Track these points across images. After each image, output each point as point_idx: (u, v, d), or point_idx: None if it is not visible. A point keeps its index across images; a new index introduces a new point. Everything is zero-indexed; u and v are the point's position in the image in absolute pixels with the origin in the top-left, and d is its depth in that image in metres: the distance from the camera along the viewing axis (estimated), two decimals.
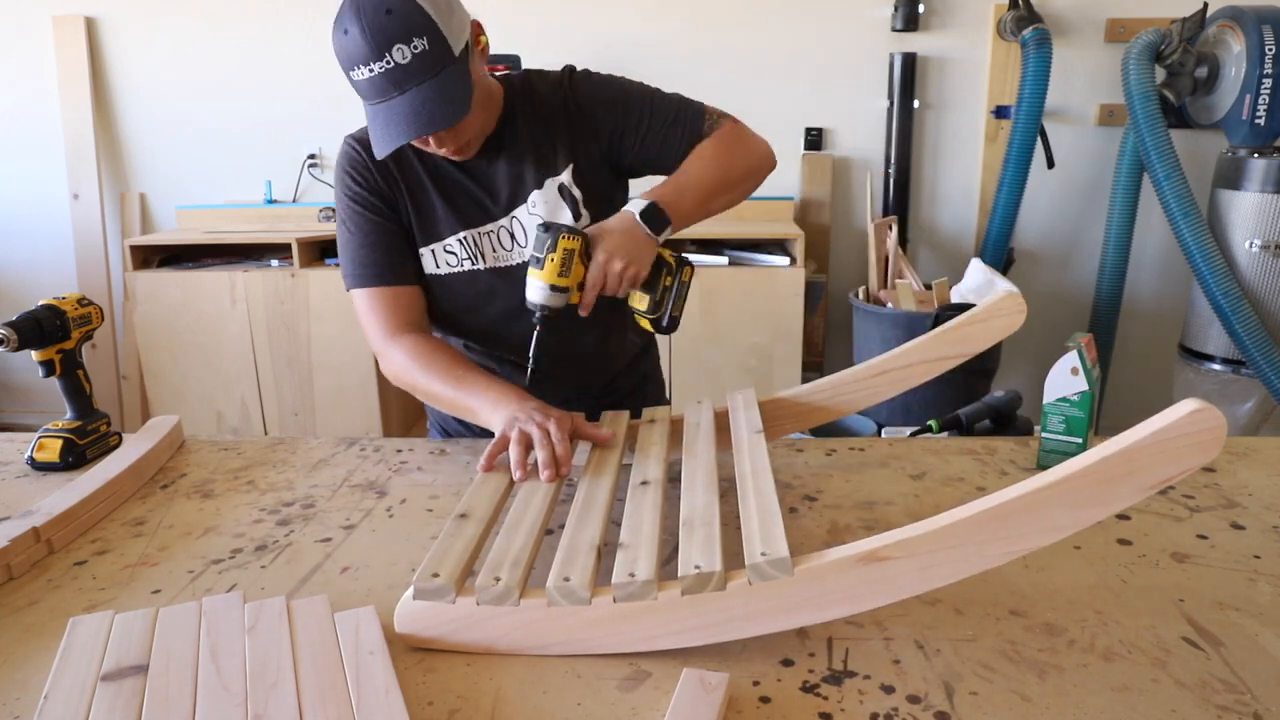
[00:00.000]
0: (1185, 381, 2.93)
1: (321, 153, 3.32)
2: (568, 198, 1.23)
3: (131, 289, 2.94)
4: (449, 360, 1.18)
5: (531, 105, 1.23)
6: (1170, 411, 0.67)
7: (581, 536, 0.84)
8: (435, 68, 1.05)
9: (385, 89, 1.05)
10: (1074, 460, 0.70)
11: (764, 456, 0.97)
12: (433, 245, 1.25)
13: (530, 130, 1.23)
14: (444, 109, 1.07)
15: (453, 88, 1.07)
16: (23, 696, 0.73)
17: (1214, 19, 2.82)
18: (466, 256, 1.25)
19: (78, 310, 1.24)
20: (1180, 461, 0.67)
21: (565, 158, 1.23)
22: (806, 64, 3.14)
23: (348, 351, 2.93)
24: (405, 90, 1.05)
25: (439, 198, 1.23)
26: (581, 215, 1.24)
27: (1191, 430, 0.66)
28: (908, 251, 3.21)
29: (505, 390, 1.12)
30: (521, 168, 1.23)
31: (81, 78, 3.25)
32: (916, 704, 0.71)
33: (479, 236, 1.25)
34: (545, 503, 0.92)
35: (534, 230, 1.16)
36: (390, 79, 1.04)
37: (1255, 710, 0.69)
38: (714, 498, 0.89)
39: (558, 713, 0.70)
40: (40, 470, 1.22)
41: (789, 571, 0.74)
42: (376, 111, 1.09)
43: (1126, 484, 0.69)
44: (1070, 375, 1.14)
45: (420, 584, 0.77)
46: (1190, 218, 2.69)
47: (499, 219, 1.24)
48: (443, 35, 1.05)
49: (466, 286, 1.26)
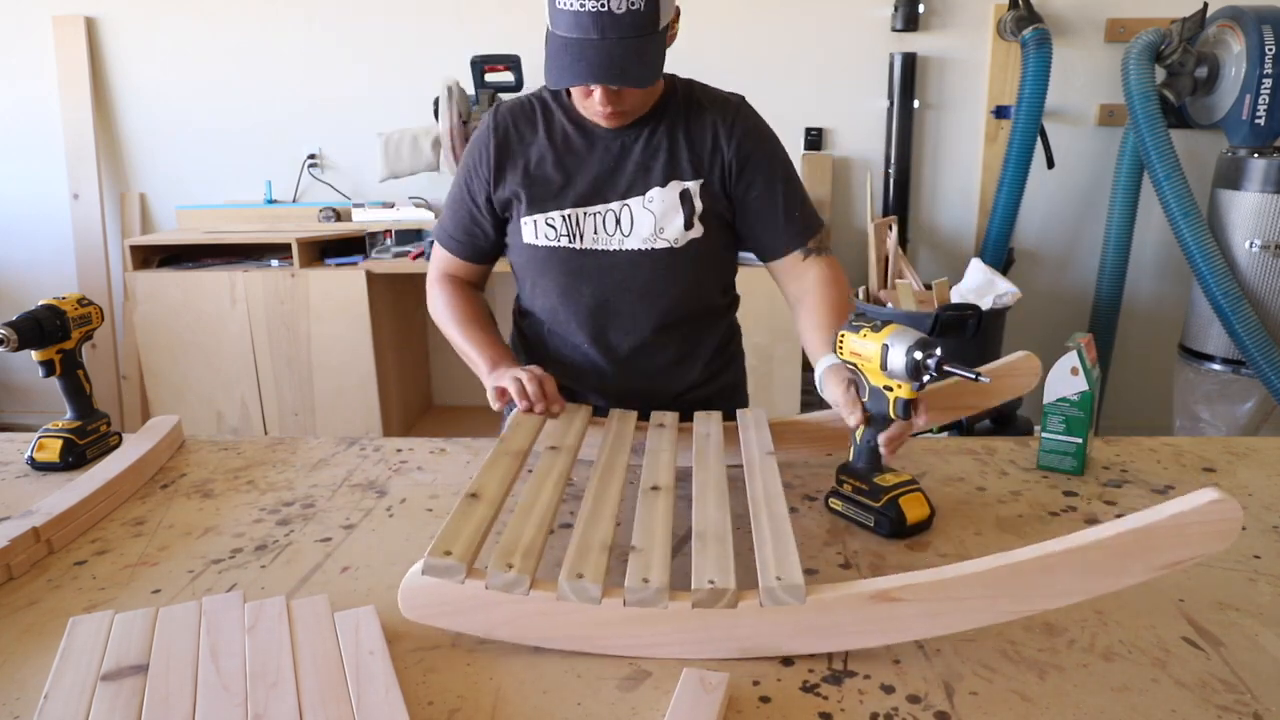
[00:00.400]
0: (1185, 381, 2.93)
1: (321, 153, 3.32)
2: (687, 204, 1.25)
3: (131, 289, 2.94)
4: (470, 310, 1.34)
5: (687, 109, 1.26)
6: (1191, 498, 0.68)
7: (593, 534, 0.84)
8: (642, 29, 1.09)
9: (588, 27, 1.08)
10: (1091, 531, 0.72)
11: (776, 479, 0.97)
12: (535, 216, 1.27)
13: (675, 130, 1.25)
14: (639, 70, 1.10)
15: (650, 53, 1.11)
16: (23, 696, 0.73)
17: (1214, 19, 2.82)
18: (565, 233, 1.26)
19: (78, 310, 1.24)
20: (1194, 547, 0.69)
21: (697, 171, 1.26)
22: (806, 64, 3.13)
23: (348, 351, 2.93)
24: (607, 38, 1.08)
25: (558, 172, 1.26)
26: (694, 226, 1.26)
27: (1210, 519, 0.67)
28: (908, 251, 3.21)
29: (501, 351, 1.28)
30: (652, 160, 1.25)
31: (81, 78, 3.25)
32: (916, 704, 0.71)
33: (583, 216, 1.26)
34: (556, 494, 0.92)
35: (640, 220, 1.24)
36: (598, 21, 1.07)
37: (1255, 710, 0.69)
38: (726, 513, 0.89)
39: (558, 713, 0.70)
40: (40, 470, 1.22)
41: (801, 599, 0.75)
42: (569, 45, 1.10)
43: (1139, 561, 0.70)
44: (1070, 375, 1.14)
45: (431, 560, 0.76)
46: (1190, 218, 2.68)
47: (611, 202, 1.25)
48: (658, 3, 1.09)
49: (558, 263, 1.28)
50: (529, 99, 1.30)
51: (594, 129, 1.25)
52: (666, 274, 1.27)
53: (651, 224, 1.25)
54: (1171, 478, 1.16)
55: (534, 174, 1.26)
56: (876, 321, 0.99)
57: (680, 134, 1.25)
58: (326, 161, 3.32)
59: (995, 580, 0.73)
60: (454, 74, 2.94)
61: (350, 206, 3.17)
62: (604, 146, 1.25)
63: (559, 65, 1.11)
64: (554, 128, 1.27)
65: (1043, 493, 1.11)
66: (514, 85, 3.01)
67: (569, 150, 1.26)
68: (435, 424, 3.39)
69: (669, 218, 1.25)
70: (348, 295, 2.87)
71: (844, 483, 1.05)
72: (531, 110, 1.29)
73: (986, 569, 0.73)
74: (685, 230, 1.25)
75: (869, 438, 1.01)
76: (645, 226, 1.25)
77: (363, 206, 3.13)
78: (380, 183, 3.13)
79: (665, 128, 1.25)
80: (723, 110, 1.27)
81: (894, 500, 0.99)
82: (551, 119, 1.27)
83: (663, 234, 1.25)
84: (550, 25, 1.12)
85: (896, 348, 0.94)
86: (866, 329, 0.99)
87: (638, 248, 1.25)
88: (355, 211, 3.13)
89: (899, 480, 1.01)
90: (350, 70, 3.20)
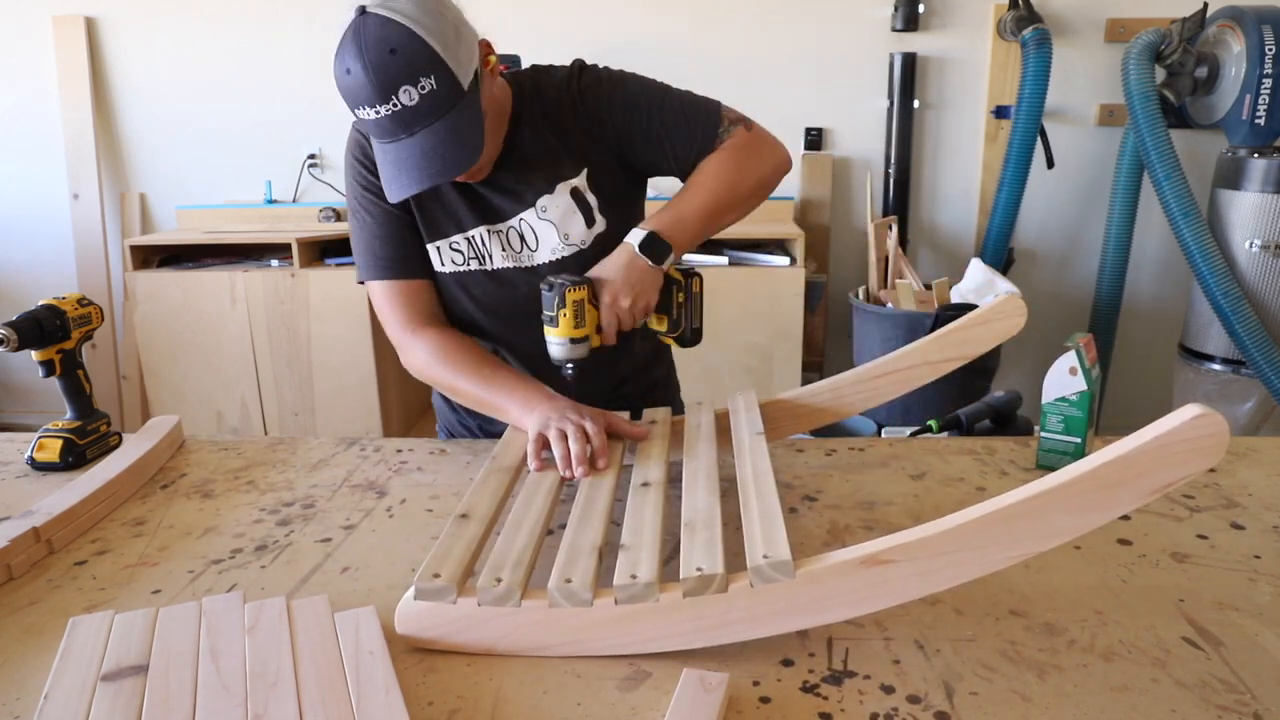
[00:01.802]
0: (1185, 381, 2.93)
1: (321, 153, 3.32)
2: (581, 203, 1.21)
3: (131, 289, 2.94)
4: (475, 357, 1.19)
5: (541, 107, 1.20)
6: (1172, 416, 0.66)
7: (583, 538, 0.84)
8: (445, 107, 1.02)
9: (393, 130, 1.02)
10: (1075, 465, 0.70)
11: (765, 459, 0.97)
12: (438, 242, 1.22)
13: (539, 133, 1.20)
14: (456, 153, 1.04)
15: (464, 128, 1.04)
16: (23, 696, 0.73)
17: (1214, 19, 2.82)
18: (474, 256, 1.23)
19: (78, 310, 1.24)
20: (1182, 466, 0.67)
21: (578, 161, 1.21)
22: (806, 64, 3.13)
23: (348, 351, 2.93)
24: (414, 132, 1.02)
25: (449, 194, 1.21)
26: (595, 220, 1.22)
27: (1193, 435, 0.65)
28: (908, 251, 3.21)
29: (534, 389, 1.13)
30: (530, 172, 1.20)
31: (81, 78, 3.25)
32: (916, 704, 0.71)
33: (488, 235, 1.22)
34: (547, 503, 0.92)
35: (543, 232, 1.18)
36: (398, 121, 1.01)
37: (1255, 710, 0.69)
38: (715, 499, 0.89)
39: (558, 713, 0.70)
40: (40, 470, 1.22)
41: (791, 574, 0.74)
42: (385, 151, 1.06)
43: (1127, 489, 0.68)
44: (1069, 375, 1.14)
45: (421, 584, 0.77)
46: (1190, 218, 2.68)
47: (509, 219, 1.22)
48: (451, 72, 1.01)
49: (474, 286, 1.24)
50: None
51: None
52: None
53: (554, 233, 1.21)
54: None
55: (426, 199, 1.20)
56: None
57: (545, 133, 1.19)
58: (326, 161, 3.32)
59: (983, 529, 0.71)
60: None
61: None
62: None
63: (388, 178, 1.06)
64: None
65: None
66: None
67: None
68: (435, 424, 3.39)
69: (569, 222, 1.21)
70: (348, 295, 2.87)
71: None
72: None
73: (973, 518, 0.72)
74: (589, 228, 1.22)
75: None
76: (550, 237, 1.21)
77: None
78: None
79: (529, 133, 1.19)
80: (565, 87, 1.19)
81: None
82: None
83: (569, 239, 1.21)
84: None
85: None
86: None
87: (548, 259, 1.22)
88: None
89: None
90: None
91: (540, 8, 3.12)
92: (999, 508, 0.71)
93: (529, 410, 1.09)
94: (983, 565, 0.73)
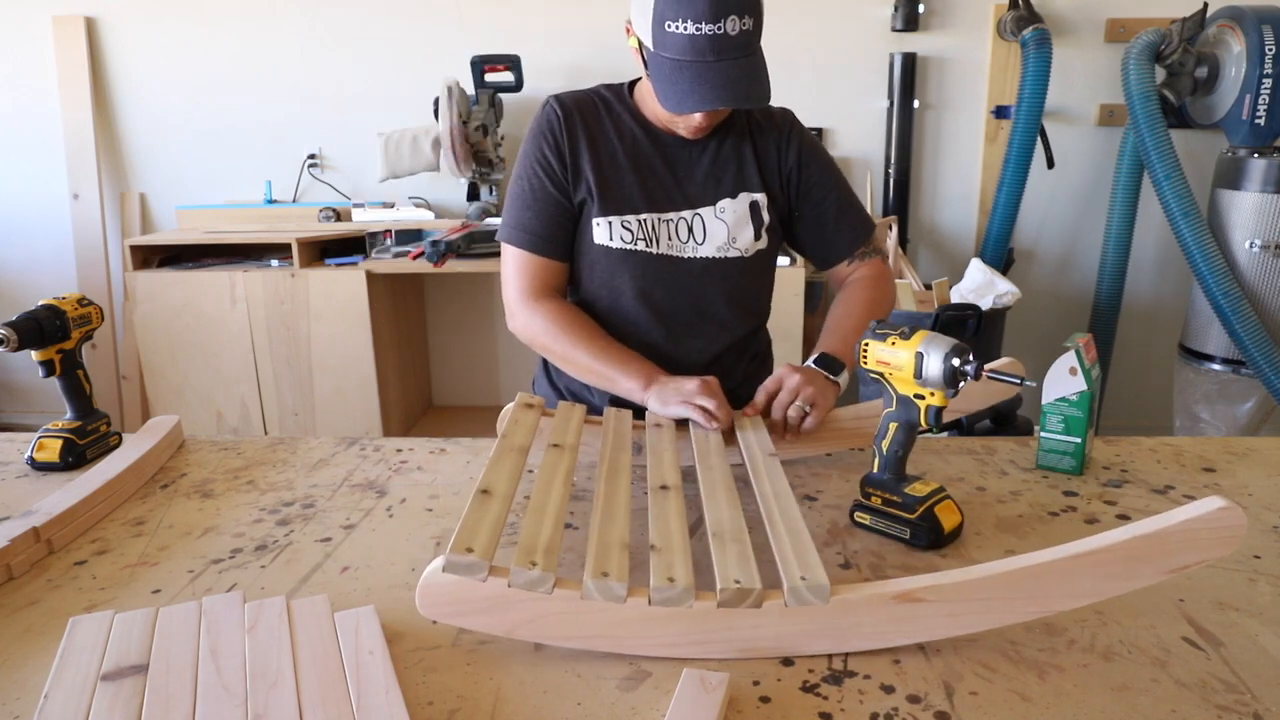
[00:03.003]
0: (1185, 381, 2.93)
1: (321, 152, 3.32)
2: (756, 217, 1.29)
3: (131, 289, 2.94)
4: (591, 329, 1.27)
5: (749, 123, 1.30)
6: (1199, 505, 0.72)
7: (610, 533, 0.83)
8: (751, 49, 1.11)
9: (704, 51, 1.08)
10: (1107, 535, 0.75)
11: (783, 479, 0.98)
12: (611, 218, 1.26)
13: (741, 143, 1.29)
14: (756, 88, 1.12)
15: (763, 71, 1.14)
16: (23, 696, 0.73)
17: (1214, 19, 2.82)
18: (642, 237, 1.27)
19: (78, 310, 1.24)
20: (1202, 551, 0.73)
21: (762, 183, 1.29)
22: (806, 64, 3.13)
23: (348, 351, 2.93)
24: (723, 60, 1.09)
25: (631, 174, 1.26)
26: (762, 237, 1.30)
27: (1217, 525, 0.72)
28: (908, 251, 3.21)
29: (646, 366, 1.22)
30: (721, 172, 1.28)
31: (81, 78, 3.25)
32: (916, 704, 0.71)
33: (659, 222, 1.27)
34: (565, 490, 0.92)
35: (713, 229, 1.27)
36: (714, 44, 1.08)
37: (1255, 710, 0.69)
38: (739, 512, 0.89)
39: (558, 713, 0.70)
40: (40, 470, 1.22)
41: (825, 599, 0.76)
42: (683, 68, 1.11)
43: (1151, 564, 0.74)
44: (1069, 375, 1.14)
45: (453, 557, 0.75)
46: (1190, 218, 2.68)
47: (683, 210, 1.27)
48: (762, 21, 1.12)
49: (637, 265, 1.28)
50: (589, 95, 1.30)
51: (660, 134, 1.27)
52: (737, 281, 1.31)
53: (725, 233, 1.28)
54: (1171, 478, 1.16)
55: (607, 173, 1.26)
56: (904, 329, 0.97)
57: (746, 148, 1.29)
58: (326, 161, 3.32)
59: (1016, 582, 0.75)
60: (454, 74, 2.94)
61: (350, 206, 3.17)
62: (672, 153, 1.27)
63: (678, 90, 1.12)
64: (622, 128, 1.27)
65: (1043, 493, 1.11)
66: (514, 85, 3.01)
67: (639, 153, 1.27)
68: (435, 424, 3.39)
69: (740, 228, 1.28)
70: (348, 295, 2.87)
71: (871, 495, 1.01)
72: (595, 106, 1.28)
73: (1009, 570, 0.75)
74: (755, 241, 1.30)
75: (896, 448, 0.98)
76: (719, 235, 1.28)
77: (363, 206, 3.13)
78: (380, 183, 3.13)
79: (732, 140, 1.29)
80: (780, 125, 1.31)
81: (930, 510, 0.96)
82: (619, 119, 1.28)
83: (735, 244, 1.29)
84: (653, 47, 1.12)
85: (933, 355, 0.92)
86: (894, 336, 0.96)
87: (712, 255, 1.28)
88: (355, 211, 3.13)
89: (929, 489, 0.98)
90: (350, 70, 3.20)
91: (541, 7, 3.12)
92: (1033, 564, 0.75)
93: (647, 385, 1.19)
94: (1009, 615, 0.77)
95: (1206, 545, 0.72)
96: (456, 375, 3.58)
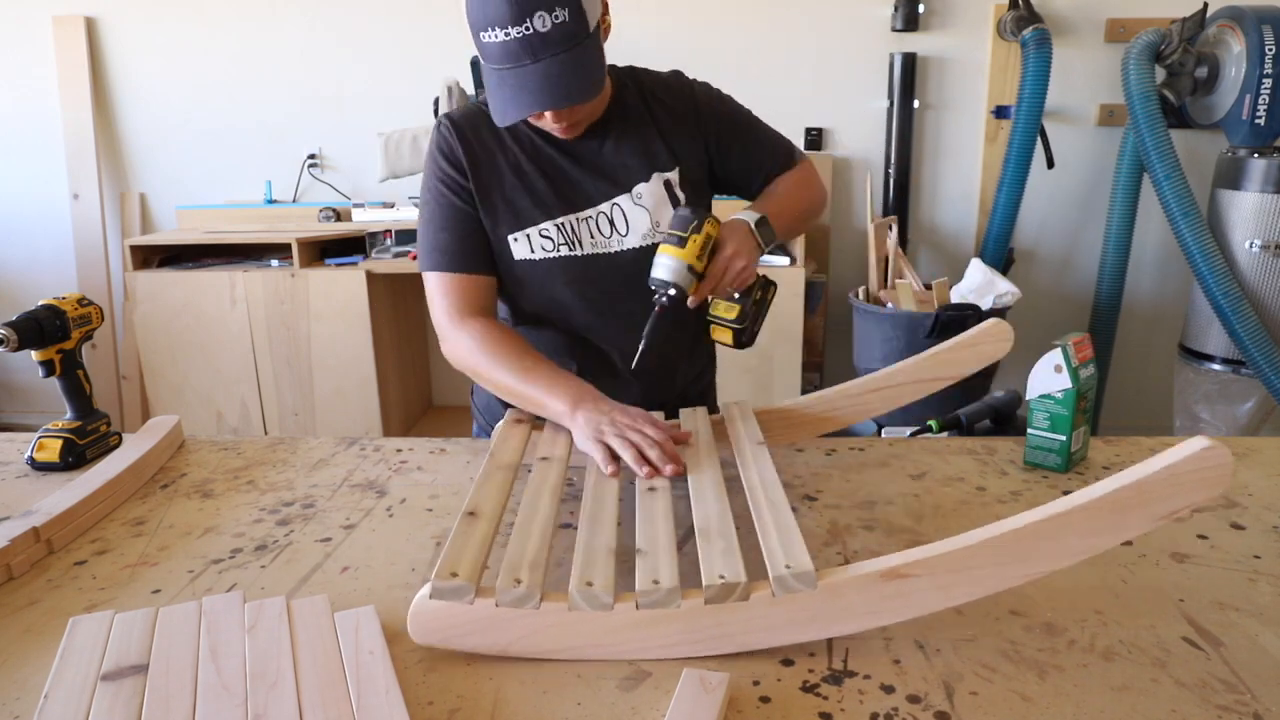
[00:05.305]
0: (1185, 381, 2.93)
1: (321, 152, 3.32)
2: (671, 195, 1.25)
3: (131, 289, 2.94)
4: (517, 349, 1.19)
5: (642, 98, 1.25)
6: (1182, 447, 0.71)
7: (597, 540, 0.84)
8: (572, 41, 1.05)
9: (519, 55, 1.04)
10: (1089, 489, 0.74)
11: (770, 468, 0.98)
12: (527, 230, 1.24)
13: (642, 123, 1.25)
14: (579, 83, 1.07)
15: (587, 62, 1.08)
16: (23, 696, 0.73)
17: (1214, 19, 2.82)
18: (563, 242, 1.24)
19: (78, 310, 1.24)
20: (1188, 494, 0.72)
21: (672, 157, 1.26)
22: (806, 64, 3.14)
23: (348, 351, 2.93)
24: (540, 59, 1.04)
25: (539, 180, 1.23)
26: None
27: (1201, 466, 0.71)
28: (908, 251, 3.21)
29: (576, 386, 1.12)
30: (628, 157, 1.24)
31: (81, 78, 3.25)
32: (916, 704, 0.71)
33: (577, 222, 1.24)
34: (554, 503, 0.92)
35: (635, 218, 1.23)
36: (526, 46, 1.03)
37: (1255, 710, 0.69)
38: (726, 507, 0.89)
39: (558, 713, 0.70)
40: (40, 470, 1.22)
41: (813, 585, 0.75)
42: (504, 77, 1.07)
43: (1138, 513, 0.73)
44: (1054, 373, 1.15)
45: (438, 583, 0.76)
46: (1190, 218, 2.68)
47: (599, 204, 1.25)
48: (582, 8, 1.05)
49: (567, 270, 1.25)
50: (477, 108, 1.25)
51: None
52: None
53: (647, 220, 1.25)
54: None
55: (513, 186, 1.23)
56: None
57: (649, 126, 1.25)
58: (326, 161, 3.33)
59: (1002, 546, 0.74)
60: (454, 74, 2.94)
61: (350, 206, 3.17)
62: (573, 149, 1.23)
63: (501, 100, 1.08)
64: (519, 134, 1.23)
65: (1043, 493, 1.11)
66: None
67: (540, 156, 1.23)
68: (435, 424, 3.39)
69: (661, 210, 1.25)
70: (348, 295, 2.87)
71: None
72: (486, 119, 1.23)
73: (993, 536, 0.74)
74: None
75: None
76: (641, 223, 1.25)
77: (363, 206, 3.14)
78: (380, 183, 3.13)
79: (633, 122, 1.24)
80: (678, 92, 1.27)
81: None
82: (513, 127, 1.22)
83: (660, 227, 1.25)
84: (482, 60, 1.09)
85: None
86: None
87: (639, 245, 1.25)
88: (355, 211, 3.13)
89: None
90: (350, 70, 3.20)
91: None
92: (1018, 526, 0.74)
93: (574, 407, 1.09)
94: (1000, 581, 0.76)
95: (1193, 488, 0.71)
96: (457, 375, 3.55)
